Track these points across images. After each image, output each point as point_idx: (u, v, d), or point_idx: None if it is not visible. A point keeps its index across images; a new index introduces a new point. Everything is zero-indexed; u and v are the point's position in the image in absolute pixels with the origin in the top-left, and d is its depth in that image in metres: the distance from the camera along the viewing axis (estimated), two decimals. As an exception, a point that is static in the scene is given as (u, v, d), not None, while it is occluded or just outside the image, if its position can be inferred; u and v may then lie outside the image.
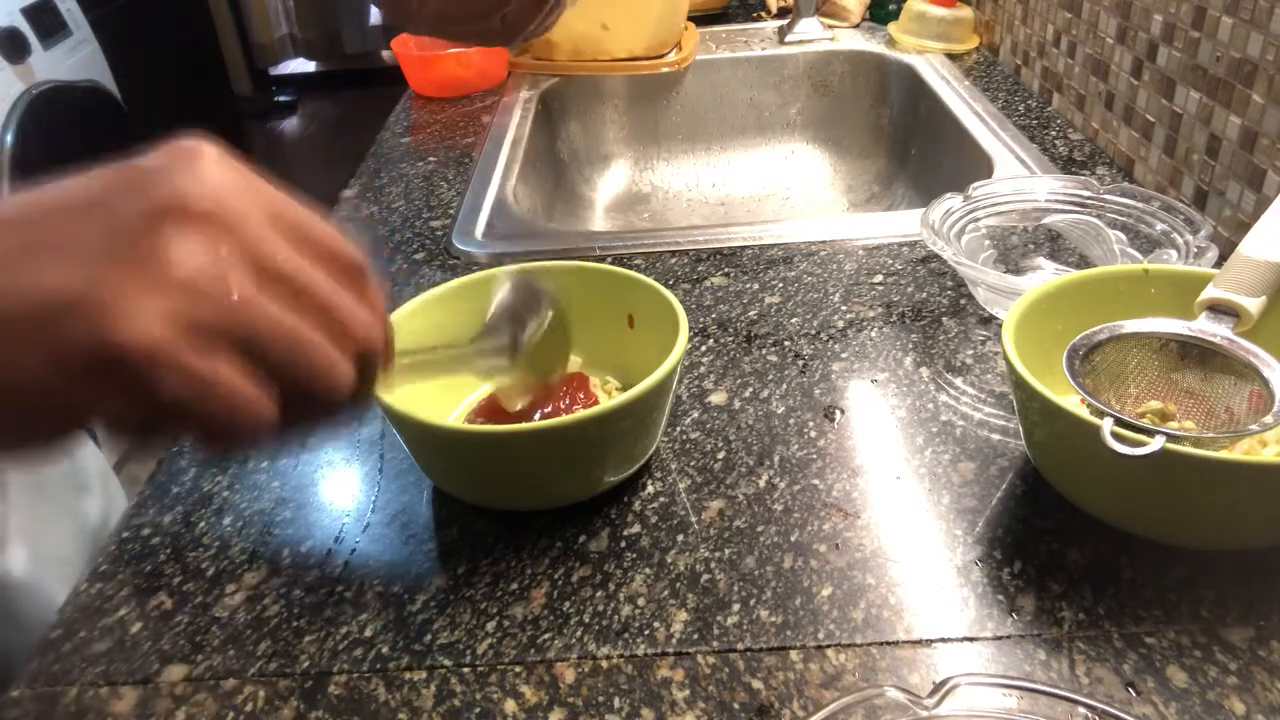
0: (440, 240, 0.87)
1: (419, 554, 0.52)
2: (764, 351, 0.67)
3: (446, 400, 0.61)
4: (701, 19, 1.43)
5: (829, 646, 0.45)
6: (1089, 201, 0.72)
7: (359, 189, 1.01)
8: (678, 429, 0.60)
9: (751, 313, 0.72)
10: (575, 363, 0.63)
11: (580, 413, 0.49)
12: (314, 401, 0.33)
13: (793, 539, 0.51)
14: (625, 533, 0.52)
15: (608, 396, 0.61)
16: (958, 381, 0.63)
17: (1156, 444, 0.42)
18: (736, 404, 0.62)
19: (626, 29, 1.22)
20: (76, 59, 1.91)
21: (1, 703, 0.45)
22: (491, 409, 0.59)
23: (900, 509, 0.53)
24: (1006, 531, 0.51)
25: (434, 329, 0.55)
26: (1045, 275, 0.74)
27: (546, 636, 0.46)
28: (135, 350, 0.28)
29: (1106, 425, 0.43)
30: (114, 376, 0.29)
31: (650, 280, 0.59)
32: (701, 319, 0.72)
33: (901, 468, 0.55)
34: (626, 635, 0.46)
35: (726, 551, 0.50)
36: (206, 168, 0.31)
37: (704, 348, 0.68)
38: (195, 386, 0.29)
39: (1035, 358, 0.50)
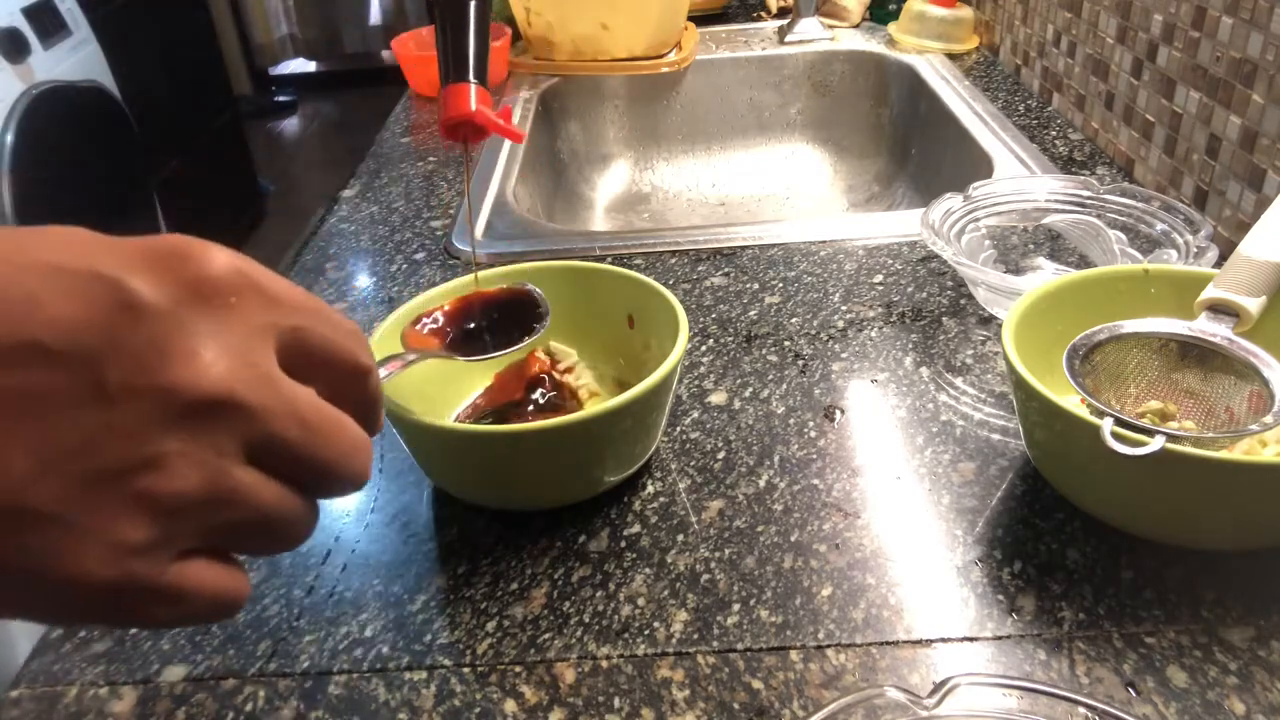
0: (440, 240, 0.87)
1: (419, 554, 0.52)
2: (764, 351, 0.67)
3: (446, 400, 0.61)
4: (701, 19, 1.43)
5: (829, 646, 0.45)
6: (1089, 201, 0.72)
7: (359, 189, 1.01)
8: (678, 429, 0.60)
9: (751, 313, 0.72)
10: (572, 355, 0.63)
11: (580, 413, 0.49)
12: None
13: (793, 539, 0.51)
14: (625, 533, 0.52)
15: (579, 380, 0.60)
16: (958, 381, 0.63)
17: (1156, 444, 0.42)
18: (736, 404, 0.62)
19: (626, 29, 1.22)
20: (76, 59, 1.91)
21: (1, 702, 0.45)
22: (491, 397, 0.59)
23: (900, 509, 0.53)
24: (1006, 531, 0.51)
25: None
26: (1045, 275, 0.74)
27: (546, 636, 0.46)
28: (101, 587, 0.24)
29: (1106, 425, 0.43)
30: (70, 602, 0.25)
31: (650, 280, 0.59)
32: (701, 319, 0.72)
33: (901, 468, 0.55)
34: (626, 635, 0.46)
35: (726, 551, 0.50)
36: (214, 326, 0.25)
37: (704, 348, 0.68)
38: (168, 609, 0.26)
39: (1035, 358, 0.50)
